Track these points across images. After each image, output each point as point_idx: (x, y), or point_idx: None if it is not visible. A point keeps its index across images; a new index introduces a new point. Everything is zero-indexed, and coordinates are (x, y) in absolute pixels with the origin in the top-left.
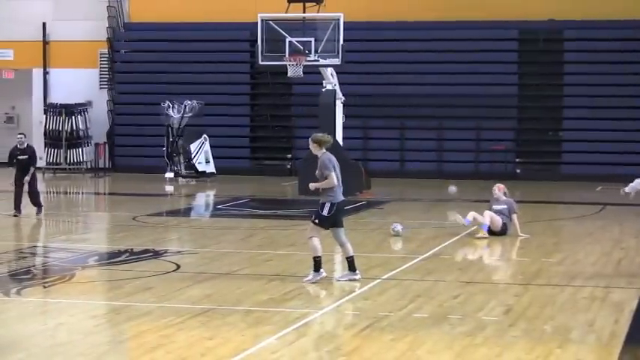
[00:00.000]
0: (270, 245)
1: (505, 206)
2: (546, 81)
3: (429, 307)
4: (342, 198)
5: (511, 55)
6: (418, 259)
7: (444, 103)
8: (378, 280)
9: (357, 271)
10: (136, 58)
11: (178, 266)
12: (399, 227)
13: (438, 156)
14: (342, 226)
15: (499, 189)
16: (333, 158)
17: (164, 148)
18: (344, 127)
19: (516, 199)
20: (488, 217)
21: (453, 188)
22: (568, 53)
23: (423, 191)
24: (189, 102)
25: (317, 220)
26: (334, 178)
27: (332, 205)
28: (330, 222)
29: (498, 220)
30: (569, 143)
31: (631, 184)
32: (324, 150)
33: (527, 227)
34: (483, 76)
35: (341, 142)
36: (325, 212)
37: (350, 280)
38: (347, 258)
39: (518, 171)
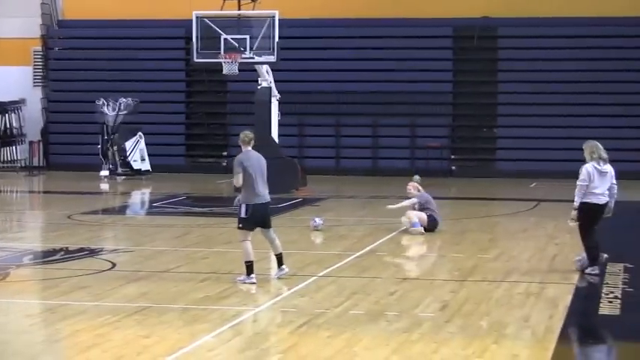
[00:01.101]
0: (206, 243)
1: (416, 200)
2: (481, 78)
3: (366, 304)
4: (261, 200)
5: (446, 52)
6: (354, 257)
7: (380, 100)
8: (314, 278)
9: (284, 266)
10: (71, 56)
11: (114, 264)
12: (318, 221)
13: (374, 153)
14: (269, 227)
15: (413, 187)
16: (252, 157)
17: (99, 146)
18: (279, 125)
19: (452, 196)
20: (415, 216)
21: (417, 177)
22: (502, 50)
23: (358, 188)
24: (124, 100)
25: (240, 225)
26: (238, 178)
27: (247, 206)
28: (252, 223)
29: (424, 216)
30: (504, 140)
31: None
32: (249, 147)
33: (462, 224)
34: (418, 74)
35: (277, 139)
36: (242, 214)
37: (280, 276)
38: (276, 255)
39: (453, 168)
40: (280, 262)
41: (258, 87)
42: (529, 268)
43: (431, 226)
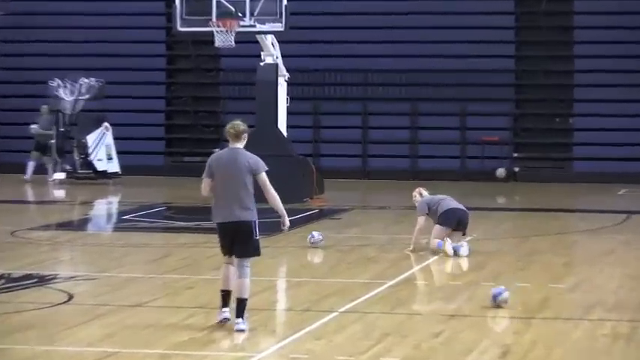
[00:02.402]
0: (191, 268)
1: (423, 214)
2: (552, 52)
3: (402, 348)
4: (227, 218)
5: (507, 18)
6: (386, 286)
7: (420, 81)
8: (334, 314)
9: (241, 320)
10: (17, 23)
11: (71, 296)
12: (317, 236)
13: (412, 150)
14: (241, 256)
15: (418, 192)
16: (224, 158)
17: (52, 141)
18: (289, 113)
19: (515, 206)
20: (438, 239)
21: (500, 170)
22: (579, 16)
23: (391, 197)
24: (85, 80)
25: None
26: (203, 185)
27: (217, 225)
28: (223, 247)
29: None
30: (583, 133)
31: None
32: (237, 144)
33: (529, 243)
34: (471, 46)
35: (284, 132)
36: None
37: (237, 330)
38: (237, 299)
39: (516, 169)
40: (240, 311)
41: (261, 64)
42: (617, 302)
43: (444, 218)
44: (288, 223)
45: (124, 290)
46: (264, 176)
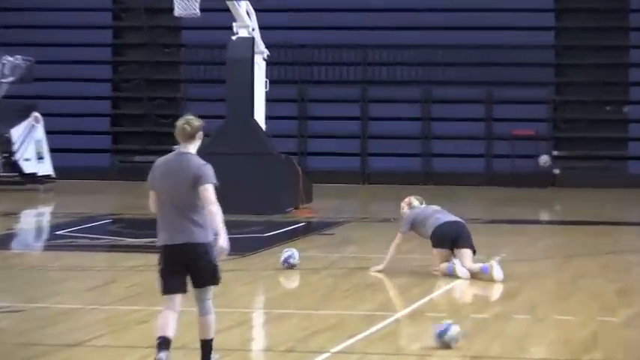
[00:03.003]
0: (144, 297)
1: (404, 228)
2: (601, 22)
3: None
4: (173, 239)
5: None
6: (391, 320)
7: (435, 60)
8: (326, 355)
9: None
10: None
11: None
12: (291, 255)
13: (424, 147)
14: (202, 286)
15: (406, 203)
16: (161, 167)
17: None
18: (268, 100)
19: (555, 218)
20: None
21: (545, 158)
22: None
23: (397, 206)
24: (9, 58)
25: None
26: (150, 199)
27: (160, 250)
28: (170, 279)
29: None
30: None
31: None
32: (189, 146)
33: (573, 265)
34: (498, 16)
35: (263, 124)
36: (158, 262)
37: None
38: (201, 340)
39: (557, 171)
40: (206, 355)
41: (233, 38)
42: None
43: (437, 239)
44: (226, 246)
45: (59, 326)
46: (209, 188)
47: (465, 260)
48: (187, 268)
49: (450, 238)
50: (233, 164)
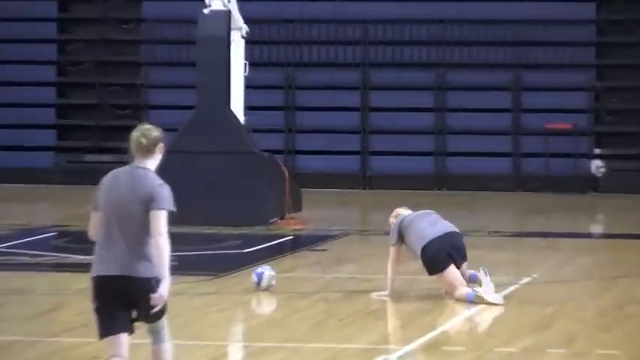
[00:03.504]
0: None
1: (393, 243)
2: None
3: None
4: (111, 270)
5: None
6: (397, 354)
7: (450, 37)
8: None
9: None
10: None
11: None
12: (261, 274)
13: (438, 144)
14: (153, 320)
15: (394, 216)
16: (117, 180)
17: None
18: (247, 87)
19: (599, 231)
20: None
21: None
22: None
23: None
24: None
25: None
26: (90, 221)
27: (93, 281)
28: (106, 316)
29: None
30: None
31: None
32: (147, 160)
33: (619, 288)
34: None
35: (240, 117)
36: (92, 299)
37: None
38: None
39: (600, 173)
40: None
41: (205, 11)
42: None
43: (429, 263)
44: (164, 295)
45: None
46: (162, 215)
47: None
48: (130, 304)
49: (444, 255)
50: (204, 165)
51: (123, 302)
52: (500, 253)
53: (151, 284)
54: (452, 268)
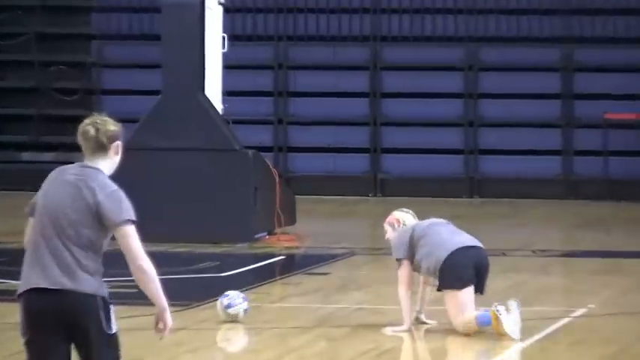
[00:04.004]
0: None
1: (403, 259)
2: None
3: None
4: (50, 282)
5: None
6: None
7: (483, 6)
8: None
9: None
10: None
11: None
12: (230, 304)
13: (466, 139)
14: (90, 357)
15: (389, 223)
16: (60, 180)
17: None
18: (226, 67)
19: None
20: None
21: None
22: None
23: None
24: None
25: None
26: (27, 227)
27: (20, 301)
28: (35, 344)
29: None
30: None
31: None
32: (95, 159)
33: None
34: None
35: (218, 104)
36: (20, 329)
37: None
38: None
39: None
40: None
41: None
42: None
43: (449, 274)
44: (169, 324)
45: None
46: (131, 232)
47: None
48: (70, 333)
49: (470, 272)
50: (172, 166)
51: (58, 329)
52: (547, 278)
53: (95, 302)
54: (471, 289)
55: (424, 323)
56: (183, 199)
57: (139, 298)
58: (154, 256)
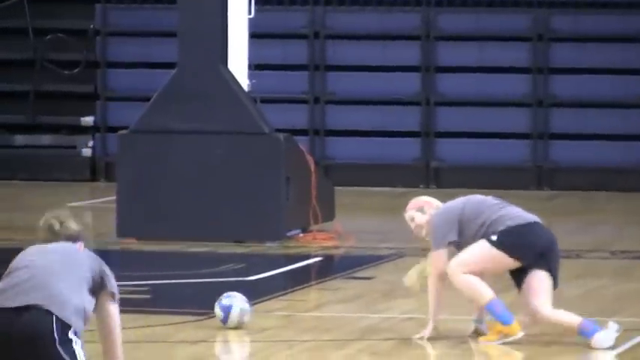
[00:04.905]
0: None
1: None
2: None
3: None
4: (18, 299)
5: None
6: None
7: None
8: None
9: None
10: None
11: None
12: (229, 306)
13: (534, 120)
14: None
15: (413, 208)
16: (48, 245)
17: None
18: (253, 36)
19: None
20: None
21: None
22: None
23: None
24: None
25: None
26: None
27: None
28: None
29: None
30: None
31: None
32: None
33: None
34: None
35: (244, 80)
36: None
37: None
38: None
39: None
40: None
41: None
42: None
43: (525, 241)
44: None
45: None
46: (115, 306)
47: (540, 297)
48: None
49: (539, 250)
50: (191, 152)
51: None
52: (627, 284)
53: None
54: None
55: (482, 335)
56: (202, 192)
57: (148, 304)
58: (170, 257)
